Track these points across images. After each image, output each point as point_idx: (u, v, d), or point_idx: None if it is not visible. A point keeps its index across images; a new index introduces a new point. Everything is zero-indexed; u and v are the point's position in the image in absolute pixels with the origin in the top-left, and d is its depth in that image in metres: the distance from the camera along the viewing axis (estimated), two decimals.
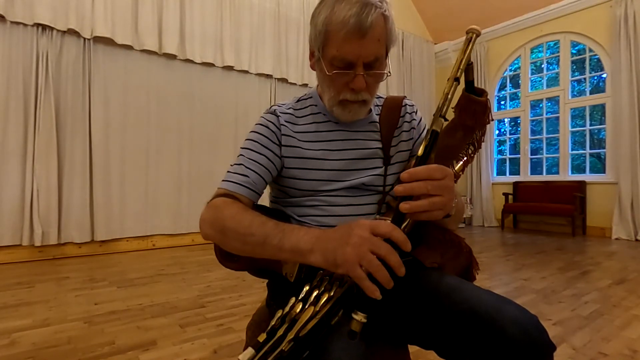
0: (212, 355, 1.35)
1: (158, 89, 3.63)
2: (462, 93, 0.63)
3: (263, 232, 0.56)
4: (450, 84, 0.53)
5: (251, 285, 2.26)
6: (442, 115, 0.52)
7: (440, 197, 0.51)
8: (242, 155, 0.72)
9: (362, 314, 0.48)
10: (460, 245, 0.71)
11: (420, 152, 0.53)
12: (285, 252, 0.55)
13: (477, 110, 0.62)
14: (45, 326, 1.62)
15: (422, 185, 0.50)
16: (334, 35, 0.63)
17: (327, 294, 0.52)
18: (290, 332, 0.50)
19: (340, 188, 0.72)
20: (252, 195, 0.69)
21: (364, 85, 0.66)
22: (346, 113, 0.71)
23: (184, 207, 3.75)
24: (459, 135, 0.63)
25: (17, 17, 2.89)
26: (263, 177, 0.71)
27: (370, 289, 0.47)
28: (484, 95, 0.62)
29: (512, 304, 0.53)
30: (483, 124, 0.63)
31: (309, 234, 0.54)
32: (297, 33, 4.59)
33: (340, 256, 0.49)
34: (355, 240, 0.49)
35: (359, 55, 0.63)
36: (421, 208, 0.50)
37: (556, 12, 4.94)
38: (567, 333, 1.57)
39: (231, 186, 0.68)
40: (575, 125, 5.09)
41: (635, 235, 4.15)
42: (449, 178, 0.52)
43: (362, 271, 0.47)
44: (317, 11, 0.67)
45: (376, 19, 0.62)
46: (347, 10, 0.61)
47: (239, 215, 0.60)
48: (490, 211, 5.56)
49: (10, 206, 2.88)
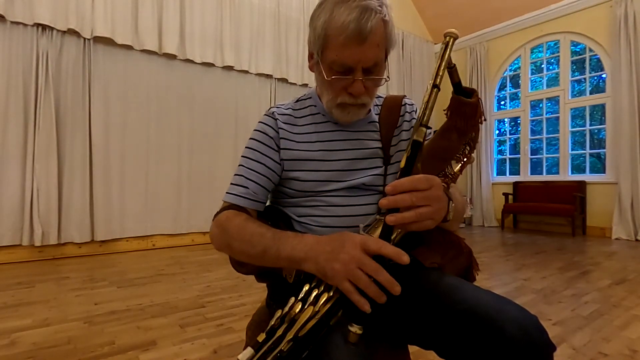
0: (212, 355, 1.35)
1: (158, 89, 3.63)
2: (452, 95, 0.62)
3: (262, 244, 0.59)
4: (429, 91, 0.53)
5: (251, 285, 2.26)
6: (424, 124, 0.52)
7: (428, 207, 0.51)
8: (242, 165, 0.74)
9: (357, 326, 0.49)
10: (461, 246, 0.71)
11: (403, 163, 0.53)
12: (283, 261, 0.58)
13: (467, 112, 0.61)
14: (45, 326, 1.62)
15: (406, 198, 0.50)
16: (333, 40, 0.63)
17: (327, 294, 0.52)
18: (289, 332, 0.50)
19: (340, 188, 0.72)
20: (254, 205, 0.71)
21: (362, 90, 0.66)
22: (345, 114, 0.71)
23: (184, 207, 3.75)
24: (453, 137, 0.63)
25: (17, 17, 2.89)
26: (264, 186, 0.72)
27: (359, 302, 0.48)
28: (474, 96, 0.61)
29: (512, 304, 0.53)
30: (475, 124, 0.62)
31: (302, 243, 0.56)
32: (297, 33, 4.59)
33: (329, 271, 0.51)
34: (344, 257, 0.50)
35: (358, 61, 0.63)
36: (407, 220, 0.50)
37: (556, 12, 4.94)
38: (567, 333, 1.57)
39: (233, 199, 0.71)
40: (575, 125, 5.09)
41: (635, 235, 4.15)
42: (436, 187, 0.53)
43: (350, 285, 0.49)
44: (317, 14, 0.66)
45: (376, 24, 0.61)
46: (347, 15, 0.60)
47: (242, 230, 0.63)
48: (490, 211, 5.56)
49: (10, 206, 2.88)
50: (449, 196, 0.60)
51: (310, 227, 0.71)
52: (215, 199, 3.82)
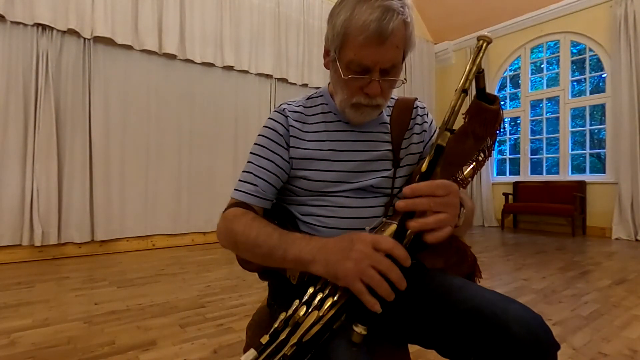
0: (212, 355, 1.35)
1: (158, 89, 3.63)
2: (473, 100, 0.61)
3: (269, 244, 0.59)
4: (458, 95, 0.52)
5: (251, 285, 2.26)
6: (449, 129, 0.51)
7: (445, 214, 0.51)
8: (250, 162, 0.73)
9: (362, 326, 0.49)
10: (466, 254, 0.70)
11: (424, 167, 0.52)
12: (289, 262, 0.57)
13: (488, 119, 0.60)
14: (45, 326, 1.62)
15: (424, 202, 0.50)
16: (352, 39, 0.62)
17: (331, 299, 0.52)
18: (293, 336, 0.50)
19: (348, 189, 0.71)
20: (262, 203, 0.70)
21: (379, 91, 0.65)
22: (358, 115, 0.70)
23: (183, 207, 3.75)
24: (469, 143, 0.62)
25: (17, 17, 2.89)
26: (272, 183, 0.71)
27: (370, 302, 0.48)
28: (496, 103, 0.60)
29: (517, 303, 0.53)
30: (493, 132, 0.61)
31: (310, 244, 0.55)
32: (297, 33, 4.59)
33: (341, 270, 0.50)
34: (356, 255, 0.49)
35: (377, 62, 0.62)
36: (429, 226, 0.50)
37: (556, 12, 4.94)
38: (567, 333, 1.57)
39: (242, 196, 0.70)
40: (575, 125, 5.09)
41: (635, 235, 4.15)
42: (453, 195, 0.52)
43: (362, 285, 0.48)
44: (337, 11, 0.65)
45: (397, 26, 0.60)
46: (369, 15, 0.59)
47: (248, 229, 0.62)
48: (490, 211, 5.56)
49: (10, 206, 2.88)
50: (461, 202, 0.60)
51: (315, 226, 0.70)
52: (215, 199, 3.82)
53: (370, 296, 0.48)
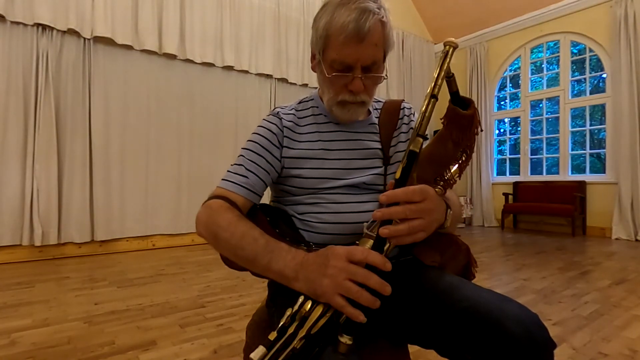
0: (212, 355, 1.36)
1: (158, 89, 3.63)
2: (449, 105, 0.61)
3: (253, 249, 0.58)
4: (427, 101, 0.53)
5: (251, 285, 2.26)
6: (420, 135, 0.52)
7: (420, 220, 0.52)
8: (242, 156, 0.74)
9: (347, 337, 0.49)
10: (458, 243, 0.71)
11: (398, 174, 0.53)
12: (272, 274, 0.57)
13: (464, 124, 0.61)
14: (45, 326, 1.62)
15: (399, 210, 0.51)
16: (334, 40, 0.66)
17: None
18: (301, 329, 0.50)
19: (341, 186, 0.73)
20: (250, 196, 0.71)
21: (361, 87, 0.69)
22: (345, 112, 0.73)
23: (183, 207, 3.75)
24: (449, 146, 0.63)
25: (17, 17, 2.89)
26: (262, 179, 0.72)
27: (353, 315, 0.49)
28: (471, 107, 0.61)
29: (513, 302, 0.54)
30: (471, 136, 0.62)
31: (295, 260, 0.55)
32: (297, 33, 4.59)
33: (319, 288, 0.51)
34: (331, 271, 0.50)
35: (357, 59, 0.66)
36: (400, 232, 0.51)
37: (556, 12, 4.94)
38: (567, 333, 1.57)
39: (230, 186, 0.70)
40: (575, 125, 5.09)
41: (635, 235, 4.15)
42: (429, 200, 0.53)
43: (342, 299, 0.49)
44: (319, 16, 0.69)
45: (374, 25, 0.64)
46: (347, 16, 0.64)
47: (233, 227, 0.62)
48: (490, 211, 5.56)
49: (10, 206, 2.88)
50: (447, 202, 0.60)
51: (312, 223, 0.72)
52: None
53: (351, 308, 0.48)
